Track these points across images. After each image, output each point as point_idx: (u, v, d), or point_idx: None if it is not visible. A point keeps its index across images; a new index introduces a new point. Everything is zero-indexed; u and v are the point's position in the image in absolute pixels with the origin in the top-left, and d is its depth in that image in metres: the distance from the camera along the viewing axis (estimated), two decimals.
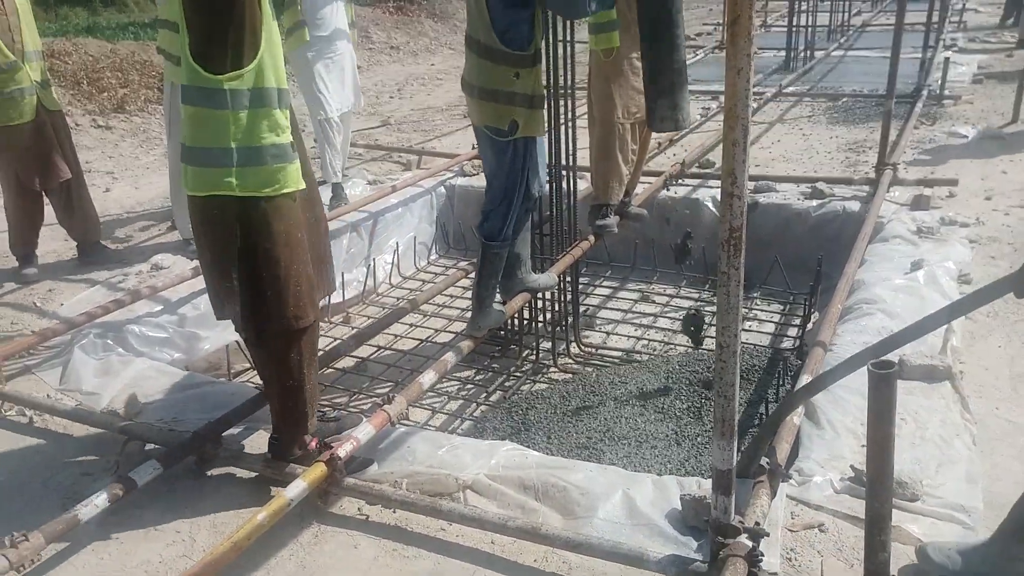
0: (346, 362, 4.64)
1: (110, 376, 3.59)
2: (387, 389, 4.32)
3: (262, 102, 2.48)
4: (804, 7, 11.35)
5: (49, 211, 4.99)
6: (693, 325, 4.27)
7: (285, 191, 2.55)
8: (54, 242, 5.30)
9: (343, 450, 2.63)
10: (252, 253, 2.54)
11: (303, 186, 2.64)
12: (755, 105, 7.84)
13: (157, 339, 4.15)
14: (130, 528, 2.65)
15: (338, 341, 4.42)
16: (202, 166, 2.47)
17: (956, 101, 7.92)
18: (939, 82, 8.16)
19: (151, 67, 9.97)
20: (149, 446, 3.01)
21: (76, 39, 10.77)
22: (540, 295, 4.40)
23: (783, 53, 10.90)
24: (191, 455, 2.87)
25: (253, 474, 2.88)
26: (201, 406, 3.31)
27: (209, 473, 2.90)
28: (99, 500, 2.55)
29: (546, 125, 3.62)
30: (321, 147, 5.94)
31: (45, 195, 4.90)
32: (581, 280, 5.02)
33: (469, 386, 4.53)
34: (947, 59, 8.54)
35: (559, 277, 4.21)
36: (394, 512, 2.65)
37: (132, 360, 3.77)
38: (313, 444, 2.85)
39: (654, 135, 4.81)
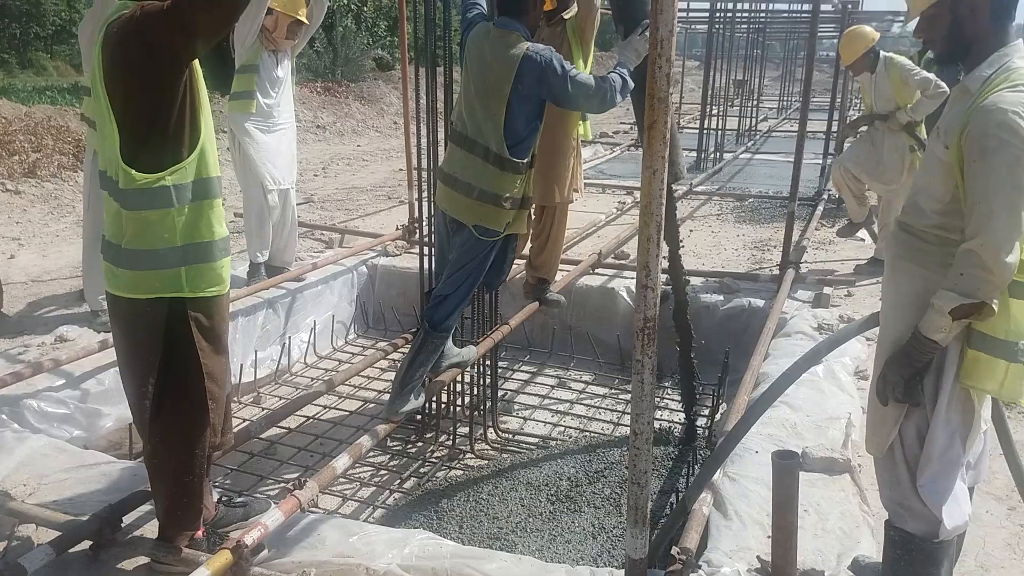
0: (253, 445, 4.51)
1: (2, 453, 3.39)
2: (297, 474, 4.21)
3: (205, 193, 2.39)
4: (715, 111, 12.05)
5: None
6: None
7: (227, 289, 2.51)
8: None
9: (250, 537, 2.55)
10: (185, 356, 2.45)
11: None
12: None
13: (56, 415, 3.97)
14: None
15: (248, 422, 4.31)
16: (144, 269, 2.34)
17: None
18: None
19: (67, 132, 9.76)
20: (41, 530, 2.84)
21: None
22: (459, 378, 4.43)
23: (694, 153, 11.49)
24: (87, 540, 2.72)
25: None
26: (99, 487, 3.16)
27: (105, 559, 2.75)
28: None
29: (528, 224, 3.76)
30: (255, 220, 5.57)
31: None
32: (500, 364, 5.06)
33: (383, 472, 4.45)
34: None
35: (479, 359, 4.26)
36: None
37: (28, 436, 3.57)
38: (200, 533, 2.74)
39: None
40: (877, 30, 6.24)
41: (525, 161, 3.43)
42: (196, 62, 2.34)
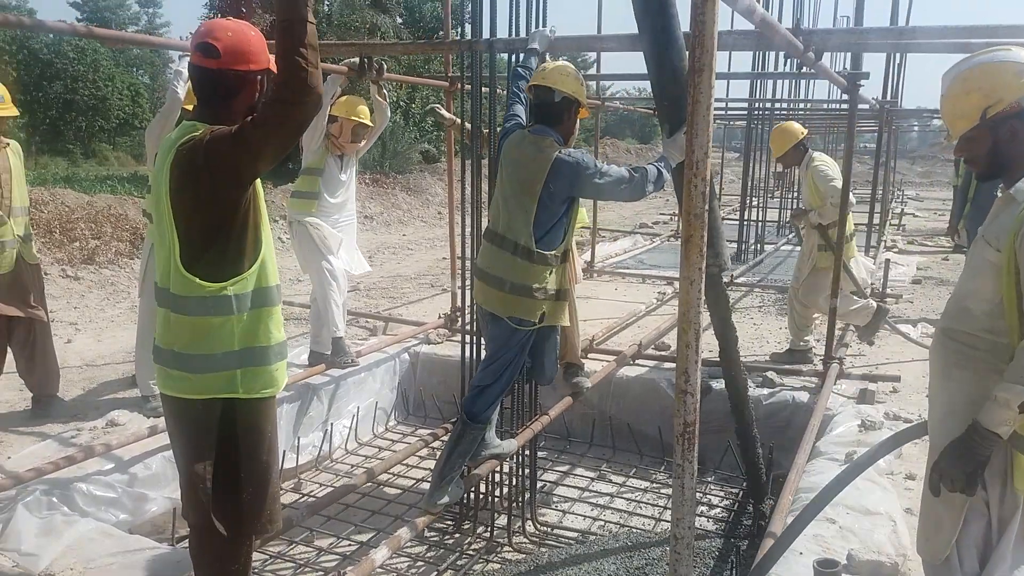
0: (294, 532, 4.53)
1: (51, 537, 3.48)
2: (335, 562, 4.21)
3: (264, 301, 2.46)
4: (755, 202, 12.14)
5: (9, 360, 4.96)
6: None
7: (280, 390, 2.59)
8: (8, 392, 5.24)
9: None
10: (235, 453, 2.52)
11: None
12: None
13: (105, 499, 4.05)
14: None
15: (289, 508, 4.35)
16: (201, 372, 2.40)
17: (897, 300, 8.40)
18: (881, 281, 8.68)
19: (125, 220, 10.19)
20: None
21: (55, 189, 11.04)
22: (498, 468, 4.43)
23: (734, 244, 11.53)
24: None
25: None
26: (144, 573, 3.21)
27: None
28: None
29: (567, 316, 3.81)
30: (326, 303, 5.64)
31: (8, 345, 4.89)
32: (539, 455, 5.05)
33: (420, 563, 4.42)
34: (887, 260, 9.13)
35: (519, 450, 4.27)
36: None
37: (76, 520, 3.66)
38: None
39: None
40: (916, 125, 6.36)
41: (554, 253, 3.54)
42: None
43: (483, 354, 4.08)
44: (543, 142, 3.56)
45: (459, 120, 5.19)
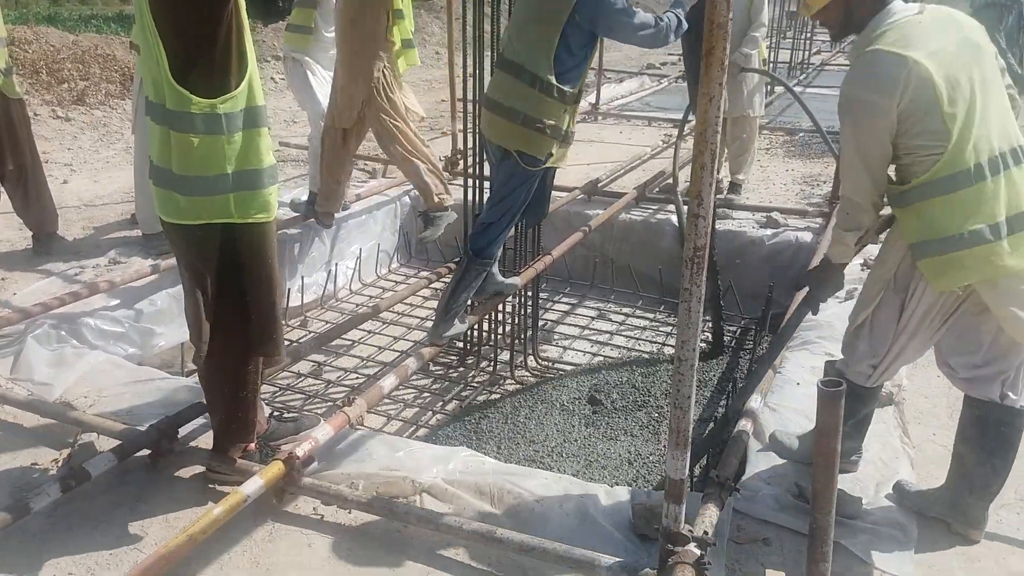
0: (302, 366, 4.64)
1: (63, 367, 3.54)
2: (343, 393, 4.33)
3: (255, 122, 2.43)
4: (767, 43, 11.67)
5: (5, 200, 4.90)
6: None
7: (274, 216, 2.56)
8: (8, 231, 5.21)
9: (301, 450, 2.65)
10: (238, 279, 2.53)
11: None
12: None
13: (112, 333, 4.10)
14: (81, 519, 2.62)
15: (296, 344, 4.42)
16: (196, 194, 2.38)
17: None
18: None
19: (113, 61, 9.82)
20: (103, 439, 2.98)
21: (37, 28, 10.58)
22: (501, 307, 4.47)
23: None
24: (145, 448, 2.85)
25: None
26: (155, 401, 3.29)
27: (163, 468, 2.89)
28: (51, 490, 2.52)
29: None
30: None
31: (1, 184, 4.81)
32: (541, 295, 5.10)
33: (425, 395, 4.55)
34: None
35: (521, 289, 4.30)
36: (349, 513, 2.67)
37: (86, 352, 3.72)
38: (252, 446, 2.84)
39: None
40: None
41: (570, 91, 3.39)
42: None
43: (487, 196, 4.01)
44: None
45: None
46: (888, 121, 2.28)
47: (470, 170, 4.47)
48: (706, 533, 2.25)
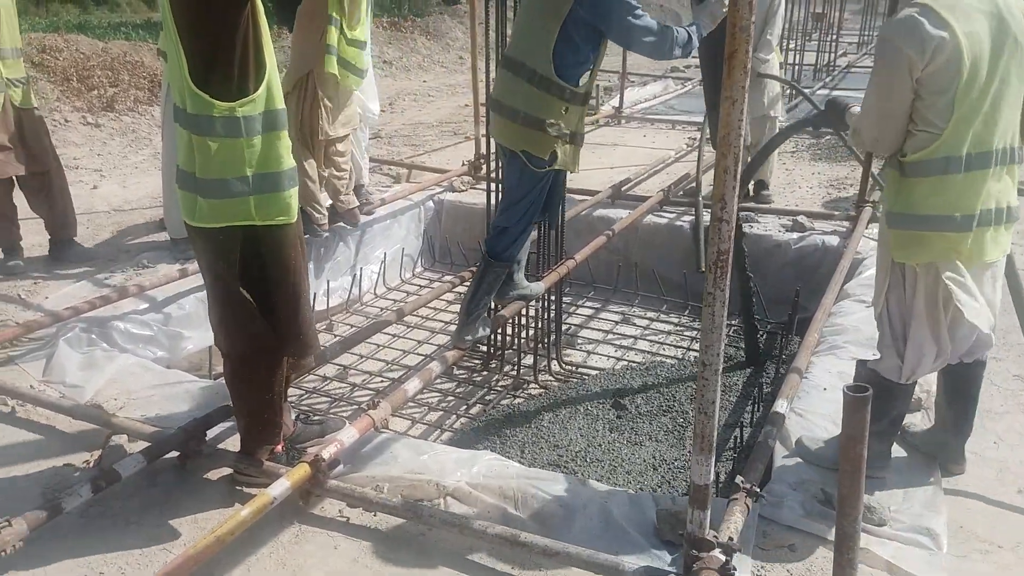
0: (327, 369, 4.67)
1: (94, 370, 3.60)
2: (368, 397, 4.35)
3: (274, 125, 2.46)
4: (792, 46, 11.60)
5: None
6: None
7: (296, 218, 2.58)
8: (39, 235, 5.29)
9: (327, 452, 2.67)
10: (261, 281, 2.56)
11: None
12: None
13: (142, 336, 4.17)
14: (111, 520, 2.67)
15: (322, 348, 4.45)
16: (217, 198, 2.42)
17: None
18: None
19: (142, 68, 9.97)
20: (132, 440, 3.03)
21: (68, 36, 10.76)
22: (524, 311, 4.48)
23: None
24: (174, 450, 2.89)
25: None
26: (184, 403, 3.34)
27: (192, 469, 2.92)
28: (83, 490, 2.57)
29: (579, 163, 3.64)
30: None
31: (19, 188, 4.88)
32: (564, 299, 5.09)
33: (449, 398, 4.57)
34: None
35: (545, 293, 4.30)
36: (375, 515, 2.69)
37: (116, 355, 3.78)
38: (279, 448, 2.87)
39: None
40: None
41: (572, 89, 3.29)
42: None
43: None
44: None
45: None
46: (910, 77, 2.34)
47: (492, 175, 4.50)
48: (731, 539, 2.24)
